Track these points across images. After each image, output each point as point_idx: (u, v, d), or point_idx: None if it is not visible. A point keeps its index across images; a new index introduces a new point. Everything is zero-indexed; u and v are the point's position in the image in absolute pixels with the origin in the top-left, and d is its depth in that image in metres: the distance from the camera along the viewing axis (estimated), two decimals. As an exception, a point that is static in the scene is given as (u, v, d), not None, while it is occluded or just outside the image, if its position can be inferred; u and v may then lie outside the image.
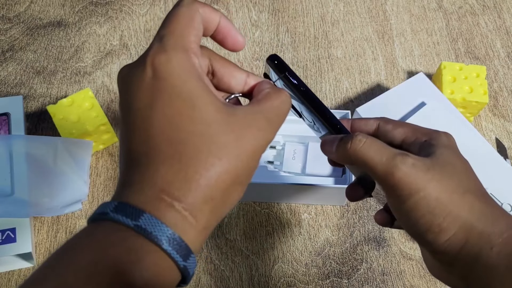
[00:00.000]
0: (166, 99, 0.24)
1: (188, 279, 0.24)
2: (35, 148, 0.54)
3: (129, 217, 0.23)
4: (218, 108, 0.25)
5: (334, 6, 0.73)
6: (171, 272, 0.23)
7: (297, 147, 0.54)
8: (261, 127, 0.26)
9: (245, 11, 0.72)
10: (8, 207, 0.51)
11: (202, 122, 0.24)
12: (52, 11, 0.71)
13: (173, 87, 0.24)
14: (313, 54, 0.68)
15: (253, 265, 0.54)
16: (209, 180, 0.24)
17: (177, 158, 0.24)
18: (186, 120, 0.24)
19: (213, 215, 0.25)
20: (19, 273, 0.52)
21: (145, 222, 0.23)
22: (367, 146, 0.31)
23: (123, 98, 0.25)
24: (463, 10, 0.73)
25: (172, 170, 0.23)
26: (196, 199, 0.23)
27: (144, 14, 0.71)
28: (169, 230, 0.23)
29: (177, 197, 0.23)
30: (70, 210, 0.51)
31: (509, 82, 0.67)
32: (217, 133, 0.24)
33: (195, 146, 0.24)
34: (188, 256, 0.23)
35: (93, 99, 0.58)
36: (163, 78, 0.24)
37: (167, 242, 0.23)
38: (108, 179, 0.58)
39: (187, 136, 0.24)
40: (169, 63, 0.24)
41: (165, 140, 0.24)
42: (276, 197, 0.56)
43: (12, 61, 0.67)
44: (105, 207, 0.23)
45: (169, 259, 0.23)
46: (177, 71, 0.24)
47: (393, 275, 0.53)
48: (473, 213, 0.30)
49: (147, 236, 0.22)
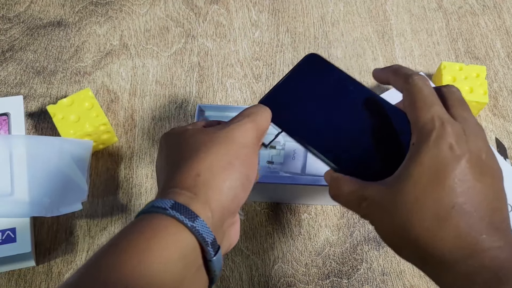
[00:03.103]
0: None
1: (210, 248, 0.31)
2: (35, 148, 0.54)
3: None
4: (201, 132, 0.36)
5: (334, 6, 0.73)
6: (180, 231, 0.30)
7: (297, 147, 0.54)
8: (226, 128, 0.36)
9: (245, 11, 0.72)
10: (8, 207, 0.51)
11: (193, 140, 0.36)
12: (52, 11, 0.71)
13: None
14: (313, 54, 0.68)
15: (253, 265, 0.54)
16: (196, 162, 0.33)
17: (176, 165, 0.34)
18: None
19: (208, 187, 0.32)
20: (19, 273, 0.52)
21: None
22: (337, 194, 0.35)
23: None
24: (463, 10, 0.73)
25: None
26: (188, 180, 0.32)
27: (144, 14, 0.71)
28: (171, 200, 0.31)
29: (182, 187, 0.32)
30: (70, 210, 0.51)
31: (509, 82, 0.67)
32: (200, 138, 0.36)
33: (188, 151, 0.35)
34: (194, 218, 0.30)
35: (93, 99, 0.58)
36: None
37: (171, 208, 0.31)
38: (108, 179, 0.58)
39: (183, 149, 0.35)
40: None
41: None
42: (276, 197, 0.56)
43: (12, 61, 0.67)
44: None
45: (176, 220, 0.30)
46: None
47: (393, 275, 0.53)
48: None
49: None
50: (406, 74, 0.35)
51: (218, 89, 0.65)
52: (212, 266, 0.32)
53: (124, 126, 0.62)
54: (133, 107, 0.63)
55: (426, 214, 0.30)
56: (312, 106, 0.39)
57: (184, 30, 0.70)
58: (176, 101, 0.64)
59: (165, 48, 0.68)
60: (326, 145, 0.36)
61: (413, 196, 0.30)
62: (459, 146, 0.30)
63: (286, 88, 0.40)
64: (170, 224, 0.30)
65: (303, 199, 0.56)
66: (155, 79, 0.66)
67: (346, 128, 0.37)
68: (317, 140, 0.37)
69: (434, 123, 0.31)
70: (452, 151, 0.30)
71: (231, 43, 0.69)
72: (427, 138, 0.31)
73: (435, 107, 0.32)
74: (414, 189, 0.30)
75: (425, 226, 0.30)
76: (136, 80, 0.66)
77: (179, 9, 0.72)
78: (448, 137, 0.30)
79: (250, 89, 0.65)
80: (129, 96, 0.64)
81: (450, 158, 0.30)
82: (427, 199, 0.30)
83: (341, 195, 0.35)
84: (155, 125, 0.62)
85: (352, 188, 0.34)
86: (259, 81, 0.66)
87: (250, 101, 0.64)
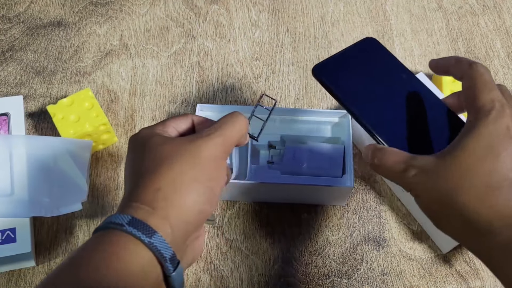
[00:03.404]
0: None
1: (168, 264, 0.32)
2: (35, 148, 0.54)
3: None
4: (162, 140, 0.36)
5: (334, 6, 0.73)
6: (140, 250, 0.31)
7: (297, 147, 0.54)
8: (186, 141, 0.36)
9: (245, 11, 0.72)
10: (8, 207, 0.51)
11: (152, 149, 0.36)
12: (52, 11, 0.71)
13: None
14: (313, 54, 0.68)
15: (253, 265, 0.54)
16: (156, 176, 0.33)
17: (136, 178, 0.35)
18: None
19: (168, 202, 0.32)
20: (19, 273, 0.52)
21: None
22: (382, 164, 0.36)
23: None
24: (463, 10, 0.73)
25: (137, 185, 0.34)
26: (148, 195, 0.33)
27: (144, 14, 0.71)
28: (128, 216, 0.32)
29: (137, 200, 0.33)
30: (70, 210, 0.51)
31: (509, 82, 0.67)
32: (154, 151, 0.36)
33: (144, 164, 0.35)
34: (152, 234, 0.31)
35: (93, 99, 0.58)
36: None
37: (128, 224, 0.31)
38: (108, 179, 0.58)
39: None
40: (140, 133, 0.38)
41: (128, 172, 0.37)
42: (276, 197, 0.56)
43: (12, 61, 0.67)
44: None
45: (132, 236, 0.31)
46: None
47: (393, 275, 0.53)
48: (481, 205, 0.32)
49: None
50: (469, 61, 0.37)
51: (218, 89, 0.65)
52: (171, 282, 0.32)
53: (124, 126, 0.62)
54: (133, 107, 0.63)
55: (477, 182, 0.31)
56: (365, 82, 0.41)
57: (184, 30, 0.70)
58: (176, 101, 0.64)
59: (165, 48, 0.68)
60: (375, 120, 0.39)
61: (466, 165, 0.32)
62: None
63: (342, 60, 0.42)
64: (129, 240, 0.30)
65: (303, 199, 0.56)
66: (155, 79, 0.66)
67: (395, 108, 0.40)
68: (368, 114, 0.39)
69: (494, 103, 0.33)
70: (509, 130, 0.32)
71: (231, 43, 0.69)
72: (486, 115, 0.33)
73: (495, 91, 0.34)
74: (468, 159, 0.32)
75: (474, 193, 0.31)
76: (136, 80, 0.66)
77: (179, 9, 0.72)
78: (506, 117, 0.32)
79: (250, 89, 0.65)
80: (129, 96, 0.64)
81: (507, 136, 0.32)
82: (480, 169, 0.32)
83: (386, 164, 0.36)
84: (155, 125, 0.62)
85: (400, 157, 0.35)
86: (259, 81, 0.66)
87: (250, 101, 0.64)
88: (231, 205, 0.57)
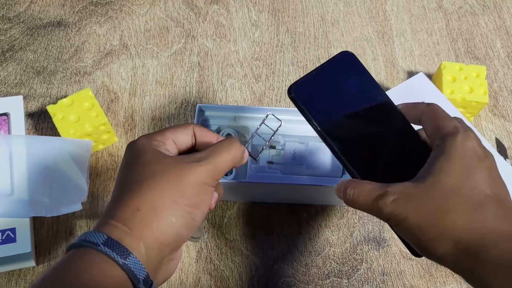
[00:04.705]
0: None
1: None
2: (35, 148, 0.54)
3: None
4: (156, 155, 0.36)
5: (334, 6, 0.73)
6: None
7: (297, 147, 0.54)
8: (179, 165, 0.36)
9: (245, 11, 0.72)
10: (8, 207, 0.51)
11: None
12: (52, 11, 0.71)
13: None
14: (313, 54, 0.68)
15: (253, 265, 0.54)
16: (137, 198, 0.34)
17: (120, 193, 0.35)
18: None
19: (145, 223, 0.32)
20: (19, 273, 0.52)
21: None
22: (356, 197, 0.36)
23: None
24: (463, 10, 0.73)
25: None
26: (126, 213, 0.33)
27: (144, 14, 0.71)
28: (104, 235, 0.32)
29: (115, 218, 0.33)
30: (70, 210, 0.51)
31: (509, 82, 0.67)
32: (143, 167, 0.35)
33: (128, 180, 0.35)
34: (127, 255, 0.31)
35: (93, 99, 0.58)
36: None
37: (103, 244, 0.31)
38: (108, 179, 0.58)
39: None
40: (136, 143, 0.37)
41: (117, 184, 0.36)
42: (276, 197, 0.56)
43: (12, 61, 0.67)
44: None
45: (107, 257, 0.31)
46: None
47: (393, 275, 0.53)
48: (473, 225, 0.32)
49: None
50: (424, 102, 0.39)
51: (218, 89, 0.65)
52: None
53: (124, 126, 0.62)
54: (133, 107, 0.63)
55: (462, 200, 0.33)
56: (338, 107, 0.40)
57: (184, 30, 0.70)
58: (176, 101, 0.64)
59: (165, 48, 0.68)
60: (349, 153, 0.39)
61: (447, 186, 0.33)
62: (480, 149, 0.35)
63: (318, 80, 0.41)
64: (103, 260, 0.31)
65: (303, 199, 0.56)
66: (155, 79, 0.66)
67: (368, 138, 0.39)
68: (342, 147, 0.39)
69: (458, 128, 0.36)
70: (476, 151, 0.34)
71: (231, 43, 0.69)
72: (453, 139, 0.35)
73: (455, 119, 0.37)
74: (448, 180, 0.33)
75: (462, 210, 0.32)
76: (136, 80, 0.66)
77: (179, 9, 0.72)
78: (471, 139, 0.35)
79: (250, 89, 0.65)
80: (129, 96, 0.64)
81: (474, 157, 0.34)
82: (462, 188, 0.33)
83: (360, 197, 0.36)
84: (155, 125, 0.62)
85: (374, 186, 0.36)
86: (259, 81, 0.66)
87: (250, 101, 0.64)
88: (231, 205, 0.57)
